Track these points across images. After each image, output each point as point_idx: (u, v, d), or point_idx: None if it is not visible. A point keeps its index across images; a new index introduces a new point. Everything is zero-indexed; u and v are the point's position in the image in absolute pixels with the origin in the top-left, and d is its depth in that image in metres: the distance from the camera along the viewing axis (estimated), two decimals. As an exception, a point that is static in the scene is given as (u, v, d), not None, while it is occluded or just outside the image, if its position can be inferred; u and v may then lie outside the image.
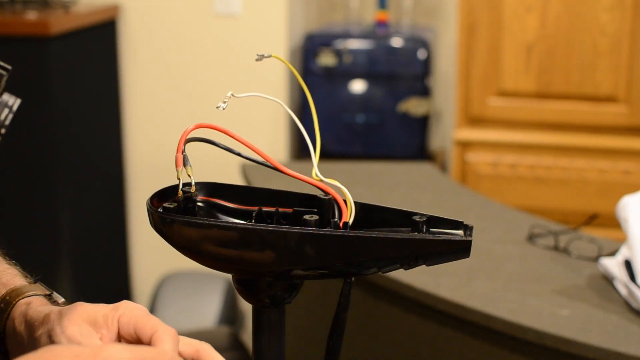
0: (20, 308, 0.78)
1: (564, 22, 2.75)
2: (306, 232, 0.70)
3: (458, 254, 0.71)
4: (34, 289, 0.81)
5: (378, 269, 0.73)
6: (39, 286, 0.82)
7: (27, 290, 0.80)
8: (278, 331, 0.77)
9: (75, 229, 2.83)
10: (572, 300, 1.45)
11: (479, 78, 2.84)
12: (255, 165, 0.77)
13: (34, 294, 0.80)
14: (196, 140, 0.74)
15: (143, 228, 3.24)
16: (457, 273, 1.55)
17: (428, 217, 0.73)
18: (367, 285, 1.62)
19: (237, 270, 0.75)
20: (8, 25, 2.65)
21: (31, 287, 0.81)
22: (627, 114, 2.76)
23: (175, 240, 0.73)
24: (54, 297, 0.81)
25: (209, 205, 0.78)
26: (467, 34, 2.82)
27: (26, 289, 0.80)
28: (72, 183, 2.83)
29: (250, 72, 3.04)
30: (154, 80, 3.12)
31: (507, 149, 2.86)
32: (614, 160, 2.79)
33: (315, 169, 0.74)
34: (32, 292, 0.80)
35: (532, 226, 1.75)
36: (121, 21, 3.09)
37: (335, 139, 3.01)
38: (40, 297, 0.80)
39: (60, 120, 2.71)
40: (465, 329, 1.46)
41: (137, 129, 3.17)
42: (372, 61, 2.99)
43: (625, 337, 1.33)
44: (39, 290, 0.81)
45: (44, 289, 0.82)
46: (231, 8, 3.02)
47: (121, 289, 3.21)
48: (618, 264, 1.48)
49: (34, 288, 0.81)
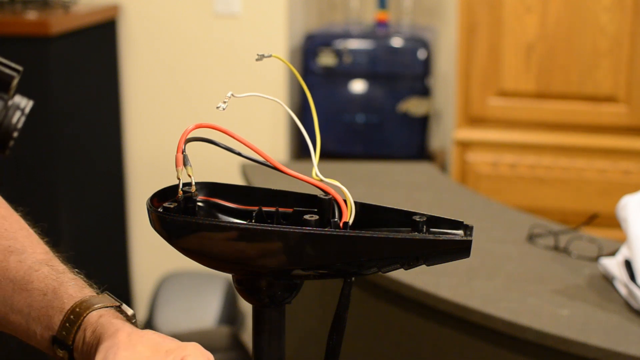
0: (91, 320, 0.77)
1: (564, 22, 2.75)
2: (306, 232, 0.70)
3: (458, 254, 0.71)
4: (103, 300, 0.80)
5: (378, 269, 0.73)
6: (107, 297, 0.81)
7: (97, 302, 0.79)
8: (278, 331, 0.77)
9: (75, 228, 2.83)
10: (572, 300, 1.45)
11: (479, 78, 2.84)
12: (256, 165, 0.77)
13: (103, 305, 0.79)
14: (196, 140, 0.74)
15: (143, 228, 3.24)
16: (457, 273, 1.55)
17: (428, 217, 0.73)
18: (367, 285, 1.62)
19: (237, 270, 0.75)
20: (8, 25, 2.65)
21: (100, 298, 0.80)
22: (627, 114, 2.76)
23: (175, 240, 0.73)
24: (123, 308, 0.80)
25: (209, 205, 0.78)
26: (467, 34, 2.82)
27: (95, 300, 0.79)
28: (72, 183, 2.83)
29: (250, 72, 3.04)
30: (154, 80, 3.12)
31: (507, 149, 2.86)
32: (614, 160, 2.79)
33: (315, 169, 0.74)
34: (102, 304, 0.79)
35: (532, 226, 1.75)
36: (121, 21, 3.09)
37: (335, 139, 3.01)
38: (111, 310, 0.79)
39: (60, 120, 2.71)
40: (465, 329, 1.46)
41: (137, 129, 3.17)
42: (372, 61, 2.99)
43: (625, 337, 1.33)
44: (107, 302, 0.80)
45: (113, 300, 0.80)
46: (231, 8, 3.02)
47: (121, 289, 3.21)
48: (618, 264, 1.48)
49: (102, 299, 0.80)
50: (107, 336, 0.73)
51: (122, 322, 0.76)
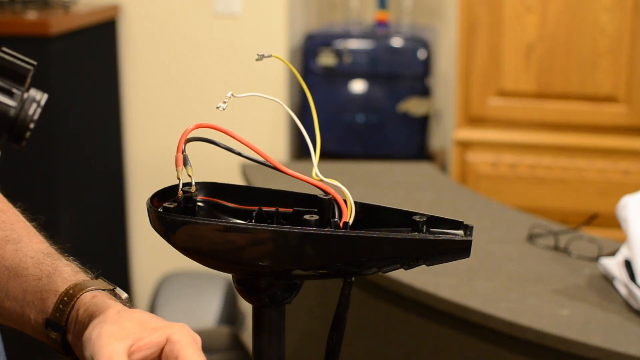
0: (84, 300, 0.78)
1: (564, 22, 2.75)
2: (306, 232, 0.70)
3: (458, 254, 0.71)
4: (97, 283, 0.81)
5: (378, 269, 0.73)
6: (101, 281, 0.82)
7: (91, 285, 0.80)
8: (278, 331, 0.77)
9: (75, 228, 2.83)
10: (572, 300, 1.45)
11: (479, 78, 2.84)
12: (256, 165, 0.77)
13: (97, 288, 0.80)
14: (196, 140, 0.74)
15: (143, 228, 3.24)
16: (457, 273, 1.55)
17: (428, 217, 0.73)
18: (367, 285, 1.62)
19: (237, 270, 0.75)
20: (8, 25, 2.65)
21: (94, 282, 0.81)
22: (627, 114, 2.76)
23: (175, 240, 0.73)
24: (116, 291, 0.82)
25: (209, 205, 0.78)
26: (467, 34, 2.82)
27: (89, 283, 0.80)
28: (72, 183, 2.83)
29: (250, 72, 3.04)
30: (154, 80, 3.12)
31: (507, 149, 2.86)
32: (614, 160, 2.79)
33: (315, 169, 0.74)
34: (96, 287, 0.80)
35: (532, 226, 1.75)
36: (121, 21, 3.09)
37: (335, 139, 3.01)
38: (105, 292, 0.80)
39: (60, 120, 2.71)
40: (465, 329, 1.46)
41: (137, 129, 3.17)
42: (372, 61, 2.99)
43: (625, 337, 1.33)
44: (101, 285, 0.81)
45: (107, 284, 0.82)
46: (231, 8, 3.02)
47: (121, 289, 3.21)
48: (618, 264, 1.48)
49: (97, 283, 0.81)
50: (98, 313, 0.74)
51: (114, 301, 0.77)
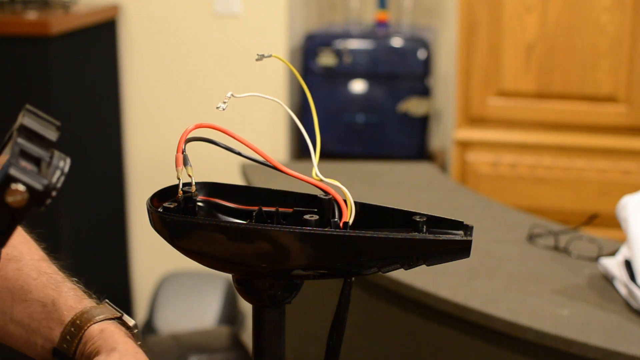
0: (92, 333, 0.77)
1: (564, 22, 2.75)
2: (306, 232, 0.70)
3: (458, 254, 0.71)
4: (104, 311, 0.80)
5: (378, 269, 0.73)
6: (108, 307, 0.81)
7: (98, 314, 0.79)
8: (278, 331, 0.76)
9: (75, 229, 2.82)
10: (572, 300, 1.45)
11: (479, 78, 2.84)
12: (256, 165, 0.77)
13: (105, 317, 0.79)
14: (196, 140, 0.74)
15: (143, 228, 3.24)
16: (457, 273, 1.55)
17: (428, 217, 0.73)
18: (367, 285, 1.62)
19: (237, 270, 0.75)
20: (8, 25, 2.65)
21: (100, 309, 0.80)
22: (627, 114, 2.76)
23: (175, 240, 0.73)
24: (124, 319, 0.80)
25: (209, 205, 0.78)
26: (467, 34, 2.82)
27: (96, 312, 0.79)
28: (72, 183, 2.83)
29: (250, 72, 3.04)
30: (154, 80, 3.12)
31: (507, 149, 2.86)
32: (614, 160, 2.79)
33: (315, 169, 0.74)
34: (103, 316, 0.79)
35: (532, 226, 1.75)
36: (121, 21, 3.09)
37: (335, 139, 3.01)
38: (114, 323, 0.78)
39: (60, 120, 2.70)
40: (465, 329, 1.46)
41: (137, 129, 3.17)
42: (372, 61, 2.99)
43: (625, 337, 1.33)
44: (108, 313, 0.79)
45: (114, 311, 0.80)
46: (231, 8, 3.02)
47: (121, 289, 3.21)
48: (618, 264, 1.48)
49: (103, 310, 0.80)
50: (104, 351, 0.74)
51: (123, 337, 0.76)
